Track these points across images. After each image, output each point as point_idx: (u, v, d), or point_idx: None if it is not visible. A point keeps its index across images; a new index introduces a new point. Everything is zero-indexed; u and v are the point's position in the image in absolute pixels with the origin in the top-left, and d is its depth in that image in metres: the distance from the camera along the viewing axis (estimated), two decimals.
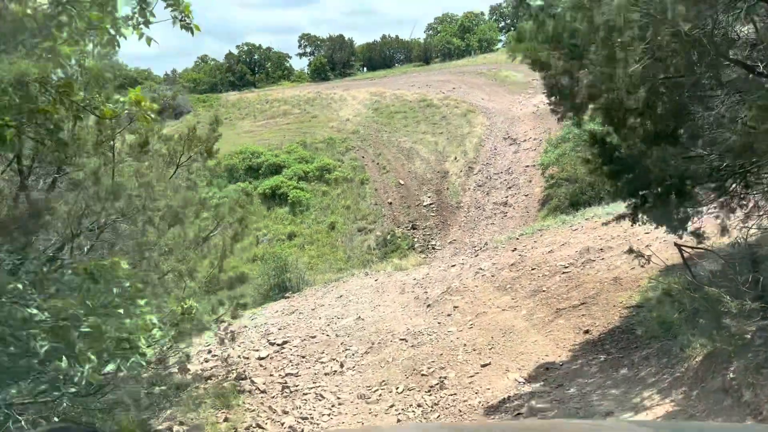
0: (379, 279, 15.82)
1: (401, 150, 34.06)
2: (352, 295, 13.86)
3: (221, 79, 61.34)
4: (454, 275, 13.27)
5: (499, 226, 25.58)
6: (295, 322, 12.18)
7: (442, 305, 11.17)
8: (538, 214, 25.28)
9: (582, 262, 10.17)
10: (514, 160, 30.46)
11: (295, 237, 28.27)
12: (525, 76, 43.80)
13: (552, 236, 13.40)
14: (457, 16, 68.35)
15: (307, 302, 14.66)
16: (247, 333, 11.99)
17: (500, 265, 12.28)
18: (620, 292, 8.49)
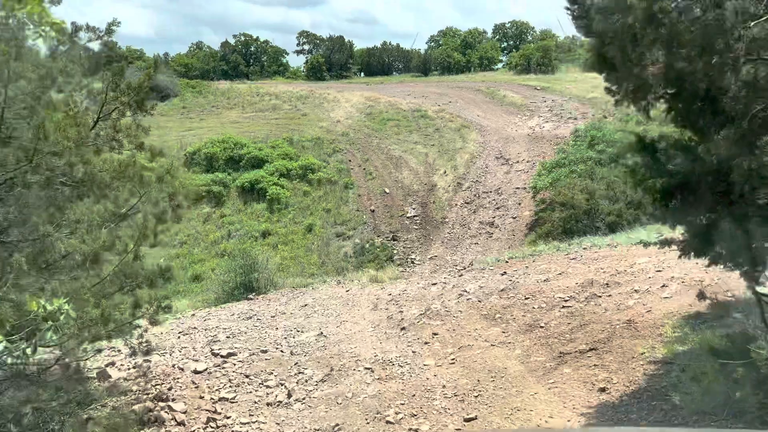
0: (351, 290, 14.50)
1: (390, 158, 32.88)
2: (318, 306, 12.51)
3: (214, 67, 59.77)
4: (434, 295, 11.96)
5: (483, 246, 24.45)
6: (250, 329, 10.79)
7: (419, 330, 9.76)
8: (525, 239, 24.19)
9: (585, 297, 8.90)
10: (505, 180, 29.42)
11: (269, 235, 26.84)
12: (523, 98, 43.08)
13: (546, 263, 12.21)
14: (460, 32, 67.77)
15: (269, 308, 13.29)
16: (195, 335, 10.60)
17: (488, 290, 10.99)
18: (637, 339, 7.11)
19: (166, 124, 41.82)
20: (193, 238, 27.31)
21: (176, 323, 12.64)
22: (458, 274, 14.07)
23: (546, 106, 40.30)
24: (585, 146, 23.66)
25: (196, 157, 33.10)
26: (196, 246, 26.94)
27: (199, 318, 12.98)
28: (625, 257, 10.84)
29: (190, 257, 26.07)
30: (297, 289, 16.31)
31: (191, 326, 11.59)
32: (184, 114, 44.19)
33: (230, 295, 21.92)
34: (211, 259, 25.87)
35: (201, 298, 22.93)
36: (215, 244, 26.88)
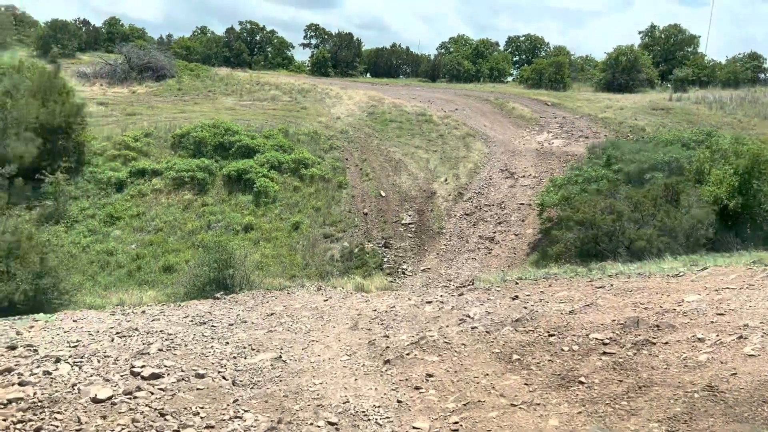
0: (331, 299, 12.51)
1: (389, 160, 31.00)
2: (287, 317, 10.46)
3: (216, 53, 57.76)
4: (429, 316, 9.91)
5: (481, 262, 22.56)
6: (197, 340, 8.77)
7: (409, 367, 7.44)
8: (527, 258, 22.34)
9: (632, 342, 6.89)
10: (509, 194, 27.58)
11: (251, 230, 24.83)
12: (533, 112, 41.38)
13: (565, 289, 10.27)
14: (472, 41, 66.02)
15: (230, 312, 11.28)
16: (129, 341, 8.56)
17: (498, 317, 8.93)
18: (732, 421, 4.85)
19: (158, 104, 39.84)
20: (170, 226, 25.28)
21: (121, 320, 10.66)
22: (457, 292, 12.09)
23: (556, 122, 38.56)
24: (601, 165, 21.84)
25: (185, 140, 31.09)
26: (172, 234, 24.90)
27: (149, 316, 10.99)
28: (666, 291, 8.94)
29: (164, 246, 24.01)
30: (270, 292, 14.32)
31: (133, 327, 9.61)
32: (178, 96, 42.21)
33: (201, 291, 19.86)
34: (187, 250, 23.83)
35: (169, 292, 20.85)
36: (193, 234, 24.83)
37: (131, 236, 24.66)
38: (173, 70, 45.24)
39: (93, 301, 19.69)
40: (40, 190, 25.20)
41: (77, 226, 24.73)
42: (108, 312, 12.26)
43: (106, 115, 36.24)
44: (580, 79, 57.07)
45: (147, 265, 22.99)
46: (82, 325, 10.10)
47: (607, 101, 44.63)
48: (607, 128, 36.60)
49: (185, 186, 27.74)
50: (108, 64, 43.65)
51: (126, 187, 27.45)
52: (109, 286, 21.89)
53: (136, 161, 28.84)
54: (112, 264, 22.96)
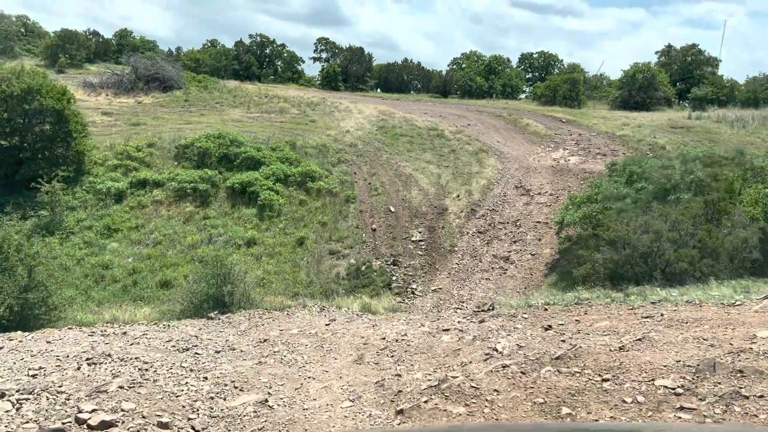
0: (334, 323, 11.25)
1: (399, 175, 29.87)
2: (281, 344, 9.19)
3: (225, 66, 57.14)
4: (448, 349, 8.52)
5: (495, 283, 21.27)
6: (172, 373, 7.51)
7: (429, 420, 5.93)
8: (544, 279, 21.05)
9: (715, 395, 5.44)
10: (525, 212, 26.33)
11: (254, 245, 23.67)
12: (547, 129, 40.27)
13: (605, 318, 8.95)
14: (484, 57, 65.09)
15: (220, 336, 10.04)
16: (94, 371, 7.34)
17: (533, 353, 7.52)
18: None
19: (164, 115, 39.05)
20: (169, 239, 24.16)
21: (98, 343, 9.49)
22: (477, 318, 10.76)
23: (572, 139, 37.39)
24: (622, 182, 20.61)
25: (188, 151, 30.12)
26: (171, 248, 23.76)
27: (129, 339, 9.82)
28: (729, 324, 7.66)
29: (162, 260, 22.85)
30: (269, 312, 13.10)
31: (107, 352, 8.43)
32: (185, 107, 41.44)
33: (198, 309, 18.71)
34: (186, 265, 22.65)
35: (165, 309, 19.70)
36: (193, 247, 23.68)
37: (128, 249, 23.54)
38: (181, 81, 44.54)
39: (84, 317, 18.53)
40: (35, 199, 24.24)
41: (73, 238, 23.66)
42: (88, 332, 11.11)
43: (110, 125, 35.44)
44: (595, 97, 55.98)
45: (143, 280, 21.83)
46: (53, 348, 8.96)
47: (623, 119, 43.46)
48: (626, 146, 35.38)
49: (187, 198, 26.69)
50: (114, 74, 43.01)
51: (126, 198, 26.44)
52: (103, 301, 20.72)
53: (138, 172, 27.88)
54: (107, 278, 21.82)
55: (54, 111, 25.09)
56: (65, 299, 20.24)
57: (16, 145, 24.55)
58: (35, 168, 24.93)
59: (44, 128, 25.55)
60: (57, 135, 25.68)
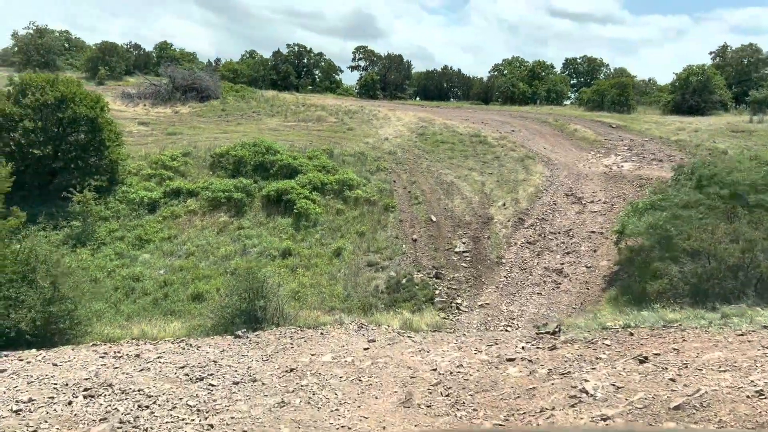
0: (373, 346, 9.79)
1: (440, 182, 28.41)
2: (311, 375, 7.79)
3: (263, 76, 56.77)
4: (518, 387, 6.81)
5: (548, 298, 19.57)
6: (173, 416, 6.23)
7: None
8: (603, 294, 19.25)
9: None
10: (577, 221, 24.52)
11: (289, 256, 22.52)
12: (596, 134, 38.24)
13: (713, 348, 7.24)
14: (527, 63, 63.13)
15: (242, 362, 8.73)
16: (84, 410, 6.14)
17: (638, 398, 5.95)
18: None
19: (200, 124, 38.58)
20: (202, 250, 23.21)
21: (105, 367, 8.33)
22: (546, 343, 9.10)
23: (624, 144, 35.31)
24: (691, 188, 18.70)
25: (224, 160, 29.31)
26: (203, 259, 22.80)
27: (141, 363, 8.65)
28: None
29: (195, 272, 21.88)
30: (302, 330, 11.79)
31: (109, 381, 7.26)
32: (221, 117, 40.94)
33: (229, 324, 17.55)
34: (218, 277, 21.64)
35: (195, 323, 18.64)
36: (226, 259, 22.66)
37: (160, 261, 22.66)
38: (218, 91, 44.14)
39: (111, 332, 17.61)
40: (68, 209, 23.65)
41: (104, 249, 22.94)
42: (101, 353, 9.99)
43: (147, 135, 35.06)
44: (644, 102, 53.48)
45: (175, 292, 20.86)
46: (56, 374, 7.86)
47: (678, 123, 41.08)
48: (683, 151, 33.14)
49: (221, 207, 25.80)
50: (152, 85, 42.86)
51: (159, 208, 25.70)
52: (132, 315, 19.81)
53: (172, 181, 27.15)
54: (137, 291, 20.93)
55: (87, 119, 24.53)
56: (93, 313, 19.47)
57: (50, 155, 24.03)
58: (68, 178, 24.39)
59: (78, 137, 25.02)
60: (90, 144, 25.12)
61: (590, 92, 50.90)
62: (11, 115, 23.18)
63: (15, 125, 23.18)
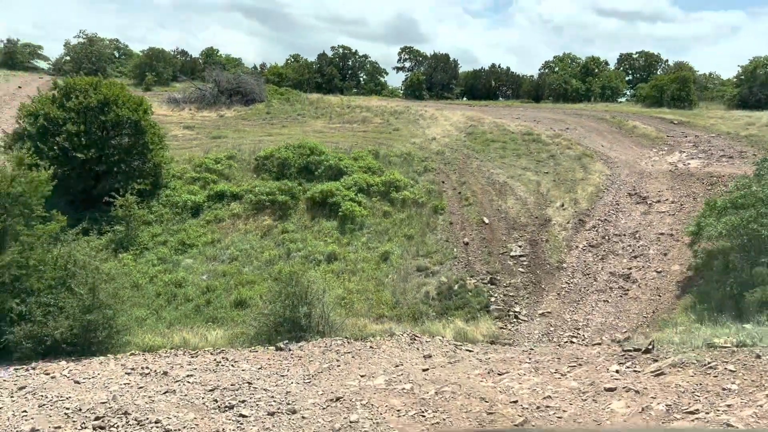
0: (431, 363, 8.50)
1: (492, 183, 26.93)
2: (361, 408, 6.41)
3: (308, 79, 56.26)
4: None
5: (615, 306, 17.92)
6: None
7: None
8: (676, 302, 17.49)
9: None
10: (643, 222, 22.70)
11: (335, 260, 21.49)
12: (657, 131, 36.00)
13: None
14: (579, 59, 60.71)
15: (280, 384, 7.56)
16: None
17: None
18: None
19: (245, 127, 38.11)
20: (246, 254, 22.40)
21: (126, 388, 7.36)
22: (643, 365, 7.64)
23: (688, 141, 33.05)
24: None
25: (268, 162, 28.51)
26: (247, 264, 21.98)
27: (169, 381, 7.67)
28: None
29: (238, 277, 21.08)
30: (350, 343, 10.64)
31: (123, 409, 6.21)
32: (266, 120, 40.43)
33: (273, 333, 16.66)
34: (262, 282, 20.73)
35: (238, 331, 17.81)
36: (270, 263, 21.78)
37: (203, 266, 21.95)
38: (263, 94, 43.72)
39: (152, 340, 16.90)
40: (110, 213, 23.22)
41: (147, 254, 22.37)
42: (128, 368, 9.08)
43: (191, 139, 34.74)
44: (706, 98, 50.55)
45: (217, 299, 20.06)
46: (72, 395, 6.97)
47: (746, 118, 38.35)
48: (755, 147, 30.70)
49: (265, 210, 24.99)
50: (198, 89, 42.75)
51: (202, 211, 25.07)
52: (174, 322, 19.05)
53: (216, 184, 26.52)
54: (179, 297, 20.21)
55: (131, 122, 24.10)
56: (134, 320, 18.84)
57: (94, 158, 23.66)
58: (112, 182, 23.97)
59: (122, 141, 24.62)
60: (134, 147, 24.68)
61: (648, 88, 48.33)
62: (55, 119, 22.93)
63: (59, 129, 22.91)
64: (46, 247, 17.05)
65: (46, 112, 22.86)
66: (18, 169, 16.28)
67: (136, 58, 52.89)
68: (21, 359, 14.77)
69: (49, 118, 22.87)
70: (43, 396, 7.13)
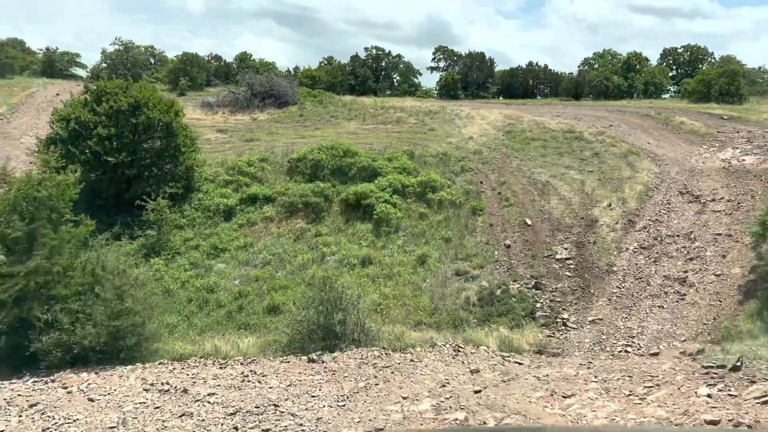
0: (482, 381, 7.56)
1: (533, 182, 25.75)
2: None
3: (341, 81, 55.69)
4: None
5: (671, 312, 16.62)
6: None
7: None
8: (739, 308, 16.13)
9: None
10: (698, 222, 21.26)
11: (370, 264, 20.65)
12: (706, 127, 34.20)
13: None
14: (620, 55, 58.63)
15: (311, 406, 6.71)
16: None
17: None
18: None
19: (278, 130, 37.66)
20: (279, 259, 21.74)
21: (145, 405, 6.64)
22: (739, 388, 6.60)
23: (741, 137, 31.24)
24: None
25: (301, 165, 27.86)
26: (280, 268, 21.31)
27: (185, 404, 6.90)
28: None
29: (271, 282, 20.38)
30: (387, 355, 9.77)
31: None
32: (299, 122, 39.94)
33: (306, 341, 15.90)
34: (295, 287, 19.99)
35: (270, 339, 17.11)
36: (303, 268, 21.06)
37: (235, 270, 21.35)
38: (296, 97, 43.27)
39: (182, 348, 16.31)
40: (142, 218, 22.85)
41: (178, 259, 21.89)
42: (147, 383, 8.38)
43: (224, 142, 34.41)
44: (757, 92, 48.18)
45: (249, 304, 19.39)
46: (80, 417, 6.27)
47: None
48: None
49: (298, 213, 24.31)
50: (231, 93, 42.54)
51: (235, 215, 24.53)
52: (206, 329, 18.43)
53: (248, 187, 25.98)
54: (211, 303, 19.62)
55: (162, 124, 23.73)
56: (165, 326, 18.32)
57: (125, 162, 23.35)
58: (144, 186, 23.62)
59: (153, 144, 24.28)
60: (166, 150, 24.31)
61: (695, 83, 46.26)
62: (87, 122, 22.70)
63: (90, 133, 22.66)
64: (74, 252, 16.62)
65: (78, 116, 22.63)
66: (45, 173, 15.91)
67: (170, 63, 53.15)
68: (50, 367, 14.35)
69: (81, 122, 22.64)
70: (50, 417, 6.48)
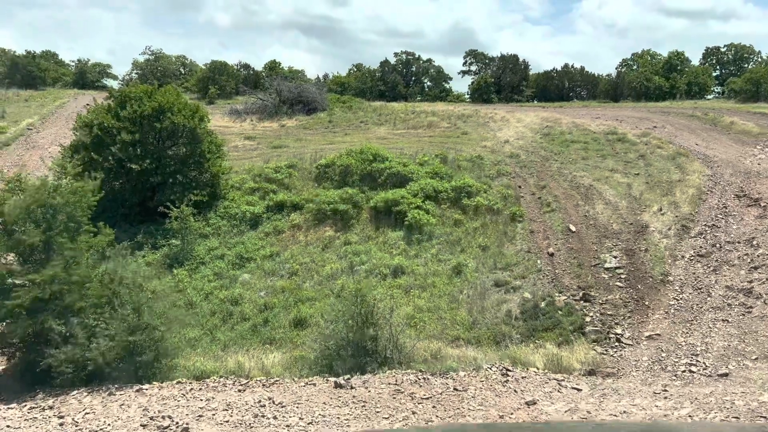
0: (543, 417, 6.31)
1: (576, 186, 24.22)
2: None
3: (371, 87, 54.73)
4: None
5: (737, 327, 14.96)
6: None
7: None
8: None
9: None
10: (760, 228, 19.49)
11: (402, 274, 19.40)
12: (759, 126, 32.16)
13: None
14: (660, 55, 56.32)
15: None
16: None
17: None
18: None
19: (307, 136, 36.76)
20: (306, 268, 20.64)
21: None
22: None
23: None
24: None
25: (330, 171, 26.82)
26: (308, 278, 20.20)
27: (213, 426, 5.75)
28: None
29: (298, 293, 19.28)
30: (426, 380, 8.49)
31: None
32: (328, 128, 39.01)
33: (335, 358, 14.73)
34: (323, 299, 18.83)
35: (297, 354, 15.96)
36: (332, 278, 19.92)
37: (261, 281, 20.31)
38: (324, 103, 42.41)
39: (203, 365, 15.28)
40: (166, 226, 22.04)
41: (202, 269, 20.95)
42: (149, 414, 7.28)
43: (252, 149, 33.64)
44: None
45: (275, 317, 18.28)
46: None
47: None
48: None
49: (327, 221, 23.21)
50: (259, 99, 41.90)
51: (261, 223, 23.53)
52: (229, 343, 17.38)
53: (275, 194, 24.99)
54: (235, 316, 18.58)
55: (186, 129, 22.94)
56: (187, 341, 17.38)
57: (149, 169, 22.58)
58: (168, 193, 22.79)
59: (178, 150, 23.49)
60: (190, 157, 23.49)
61: (742, 81, 43.97)
62: (110, 128, 22.03)
63: (113, 139, 21.98)
64: (92, 262, 15.76)
65: (101, 122, 21.97)
66: (61, 179, 15.11)
67: (199, 72, 52.95)
68: (62, 385, 13.49)
69: (104, 128, 21.97)
70: None
